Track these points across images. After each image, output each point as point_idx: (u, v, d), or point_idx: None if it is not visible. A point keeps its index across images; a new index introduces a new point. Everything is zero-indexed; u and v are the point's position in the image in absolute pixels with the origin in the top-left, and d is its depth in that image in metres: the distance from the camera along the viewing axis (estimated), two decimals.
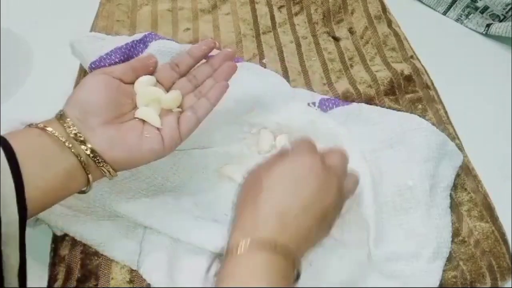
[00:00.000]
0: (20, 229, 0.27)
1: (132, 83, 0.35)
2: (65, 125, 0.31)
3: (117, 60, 0.45)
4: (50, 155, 0.30)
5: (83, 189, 0.32)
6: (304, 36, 0.55)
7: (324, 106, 0.44)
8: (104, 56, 0.45)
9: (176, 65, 0.36)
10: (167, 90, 0.36)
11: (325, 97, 0.45)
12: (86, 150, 0.30)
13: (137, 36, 0.47)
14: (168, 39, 0.46)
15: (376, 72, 0.50)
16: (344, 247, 0.36)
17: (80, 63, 0.48)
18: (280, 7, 0.58)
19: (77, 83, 0.48)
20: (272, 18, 0.57)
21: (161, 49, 0.42)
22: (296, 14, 0.58)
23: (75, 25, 0.54)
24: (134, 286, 0.36)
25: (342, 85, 0.49)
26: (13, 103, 0.47)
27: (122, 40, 0.47)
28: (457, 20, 0.59)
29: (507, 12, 0.57)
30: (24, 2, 0.58)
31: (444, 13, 0.60)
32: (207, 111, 0.35)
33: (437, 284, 0.35)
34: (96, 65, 0.45)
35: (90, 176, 0.31)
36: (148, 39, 0.46)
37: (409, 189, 0.38)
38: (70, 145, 0.30)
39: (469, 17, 0.58)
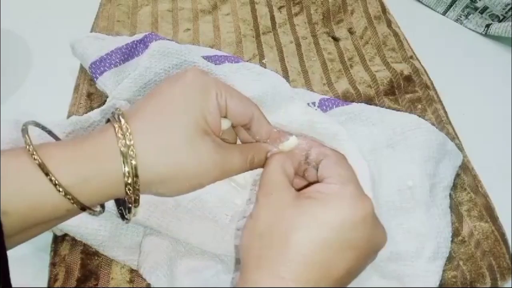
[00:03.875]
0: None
1: None
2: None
3: (117, 60, 0.45)
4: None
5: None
6: (304, 36, 0.55)
7: (324, 106, 0.44)
8: (105, 57, 0.45)
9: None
10: None
11: (325, 97, 0.45)
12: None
13: (138, 36, 0.47)
14: (169, 40, 0.46)
15: (376, 72, 0.50)
16: None
17: (80, 63, 0.48)
18: (280, 8, 0.58)
19: (77, 83, 0.48)
20: (272, 18, 0.57)
21: (161, 50, 0.42)
22: (296, 14, 0.58)
23: (75, 25, 0.54)
24: (134, 286, 0.36)
25: (342, 85, 0.49)
26: (13, 103, 0.47)
27: (123, 40, 0.47)
28: (456, 20, 0.59)
29: (506, 12, 0.57)
30: (24, 2, 0.58)
31: (444, 13, 0.60)
32: None
33: (437, 284, 0.35)
34: (97, 65, 0.45)
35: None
36: (148, 39, 0.46)
37: (409, 189, 0.38)
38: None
39: (469, 17, 0.58)
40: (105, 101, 0.44)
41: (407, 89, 0.49)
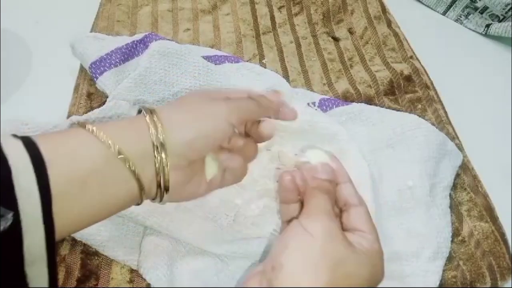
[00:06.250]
0: (48, 249, 0.24)
1: None
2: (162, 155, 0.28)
3: (117, 60, 0.45)
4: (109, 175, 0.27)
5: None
6: (304, 36, 0.55)
7: (324, 106, 0.44)
8: (105, 57, 0.45)
9: None
10: None
11: (325, 97, 0.45)
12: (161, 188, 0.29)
13: (138, 36, 0.47)
14: (169, 40, 0.46)
15: (376, 72, 0.50)
16: None
17: (80, 63, 0.48)
18: (280, 8, 0.58)
19: (77, 83, 0.48)
20: (272, 18, 0.57)
21: (161, 50, 0.42)
22: (296, 14, 0.58)
23: (75, 25, 0.54)
24: (134, 286, 0.36)
25: (342, 85, 0.49)
26: (13, 103, 0.47)
27: (123, 40, 0.47)
28: (456, 20, 0.59)
29: (506, 12, 0.57)
30: (24, 2, 0.58)
31: (444, 13, 0.60)
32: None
33: (437, 284, 0.35)
34: (97, 65, 0.45)
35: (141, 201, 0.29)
36: (148, 39, 0.46)
37: (409, 189, 0.38)
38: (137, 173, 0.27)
39: (469, 17, 0.58)
40: (105, 101, 0.44)
41: (407, 89, 0.49)
